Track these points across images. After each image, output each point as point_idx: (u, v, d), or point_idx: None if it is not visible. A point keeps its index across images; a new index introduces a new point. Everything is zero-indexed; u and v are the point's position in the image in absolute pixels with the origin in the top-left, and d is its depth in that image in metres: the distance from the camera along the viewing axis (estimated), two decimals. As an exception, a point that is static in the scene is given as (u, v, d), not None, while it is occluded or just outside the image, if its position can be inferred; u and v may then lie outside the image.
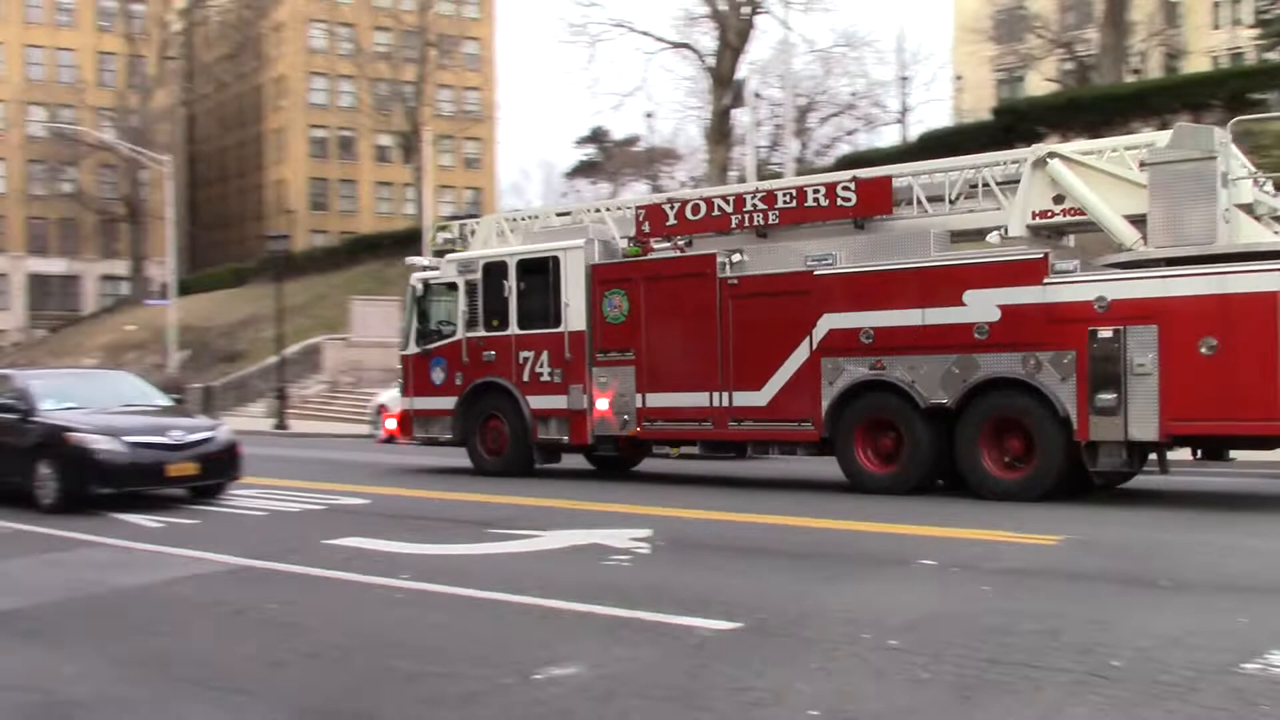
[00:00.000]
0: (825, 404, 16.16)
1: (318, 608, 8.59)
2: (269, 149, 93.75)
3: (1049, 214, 15.75)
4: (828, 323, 16.16)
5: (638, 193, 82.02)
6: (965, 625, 7.58)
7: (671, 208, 18.66)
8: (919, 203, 16.76)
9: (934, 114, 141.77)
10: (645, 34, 60.16)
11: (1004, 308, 14.70)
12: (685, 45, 57.41)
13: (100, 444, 14.70)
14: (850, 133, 64.35)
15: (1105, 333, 14.00)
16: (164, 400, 17.50)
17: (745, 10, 54.06)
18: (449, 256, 20.77)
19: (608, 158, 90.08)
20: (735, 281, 16.98)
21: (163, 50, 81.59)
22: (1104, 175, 15.40)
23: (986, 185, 16.34)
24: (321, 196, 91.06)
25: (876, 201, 16.94)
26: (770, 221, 17.69)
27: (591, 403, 18.49)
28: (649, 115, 58.42)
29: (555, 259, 18.85)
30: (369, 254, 64.26)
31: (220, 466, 15.73)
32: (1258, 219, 15.13)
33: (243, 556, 10.87)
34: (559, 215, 20.77)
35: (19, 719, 6.09)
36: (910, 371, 15.50)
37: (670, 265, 17.91)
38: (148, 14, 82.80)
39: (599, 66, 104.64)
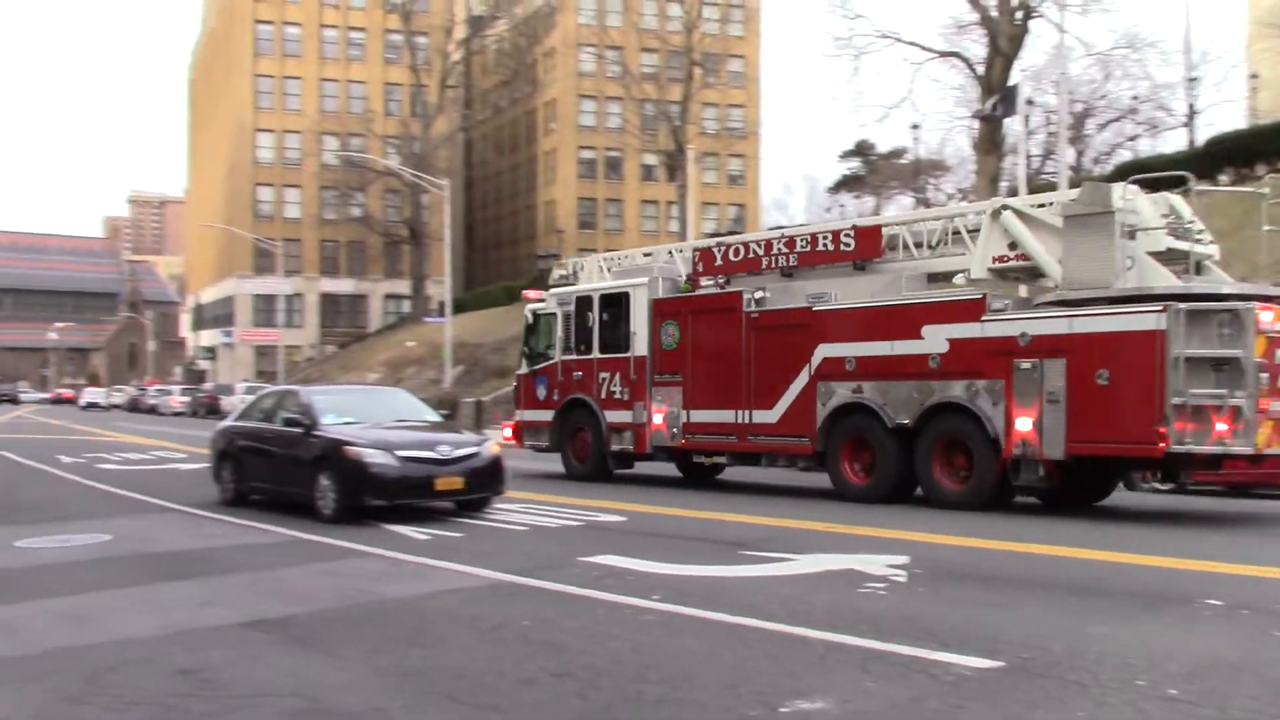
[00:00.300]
0: (819, 422, 18.68)
1: (570, 626, 8.66)
2: (540, 171, 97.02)
3: (1005, 259, 17.87)
4: (822, 352, 18.71)
5: (902, 206, 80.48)
6: (1256, 676, 6.93)
7: (719, 250, 21.79)
8: (906, 247, 19.19)
9: (1225, 116, 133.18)
10: (912, 44, 58.81)
11: (952, 341, 17.03)
12: (954, 54, 55.99)
13: (375, 458, 15.38)
14: (1132, 138, 61.25)
15: (1026, 364, 16.13)
16: (434, 416, 18.22)
17: (1018, 15, 52.28)
18: (551, 291, 24.21)
19: (872, 171, 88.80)
20: (756, 315, 19.76)
21: (443, 79, 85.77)
22: (1047, 225, 17.36)
23: (958, 233, 18.61)
24: (589, 216, 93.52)
25: (869, 247, 19.61)
26: (790, 263, 20.62)
27: (649, 417, 21.41)
28: (915, 127, 57.23)
29: (627, 294, 21.97)
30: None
31: (485, 481, 16.20)
32: (1193, 264, 16.89)
33: (502, 571, 11.12)
34: (645, 255, 23.98)
35: (284, 725, 6.36)
36: (882, 395, 17.93)
37: (709, 300, 20.79)
38: (430, 45, 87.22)
39: (863, 79, 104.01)
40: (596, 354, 22.47)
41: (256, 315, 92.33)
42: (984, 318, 16.68)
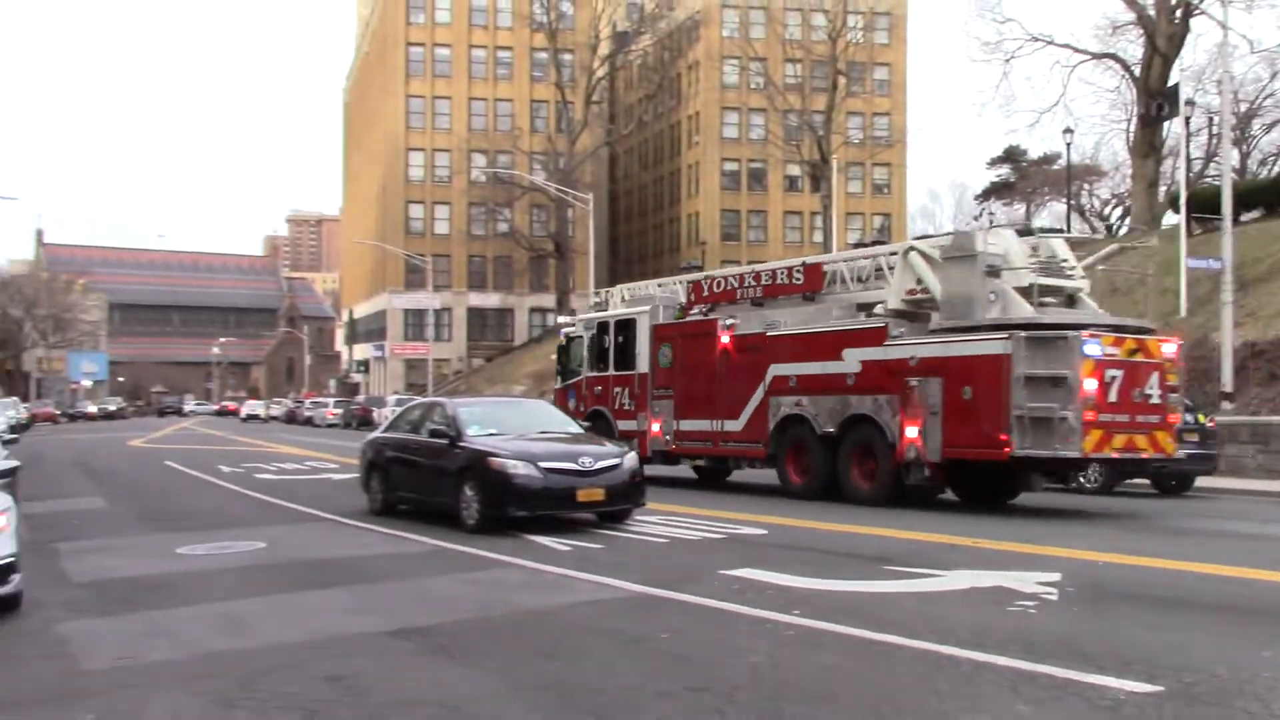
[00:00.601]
0: (770, 430, 21.90)
1: (708, 640, 8.56)
2: (684, 184, 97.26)
3: (914, 292, 20.43)
4: (773, 371, 21.99)
5: (1054, 213, 78.25)
6: None
7: (705, 282, 25.08)
8: (843, 281, 22.08)
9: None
10: (1065, 46, 57.30)
11: (864, 362, 20.21)
12: (1109, 55, 54.32)
13: (518, 469, 15.52)
14: (1301, 138, 58.53)
15: (913, 382, 19.06)
16: (576, 428, 18.34)
17: (1177, 13, 50.47)
18: (578, 316, 28.76)
19: (1022, 177, 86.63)
20: (726, 339, 23.10)
21: (588, 95, 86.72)
22: (942, 264, 19.91)
23: (881, 270, 21.32)
24: (732, 228, 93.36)
25: (814, 281, 22.60)
26: (758, 294, 23.74)
27: (649, 425, 24.64)
28: (1068, 131, 55.46)
29: (634, 320, 25.47)
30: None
31: (626, 493, 16.20)
32: (1066, 298, 20.12)
33: (641, 584, 11.08)
34: (658, 285, 27.40)
35: (423, 734, 6.40)
36: (815, 408, 21.10)
37: (692, 326, 24.24)
38: (575, 62, 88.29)
39: (1013, 83, 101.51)
40: (612, 371, 25.92)
41: (407, 329, 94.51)
42: (886, 342, 19.88)
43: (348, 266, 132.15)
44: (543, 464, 15.59)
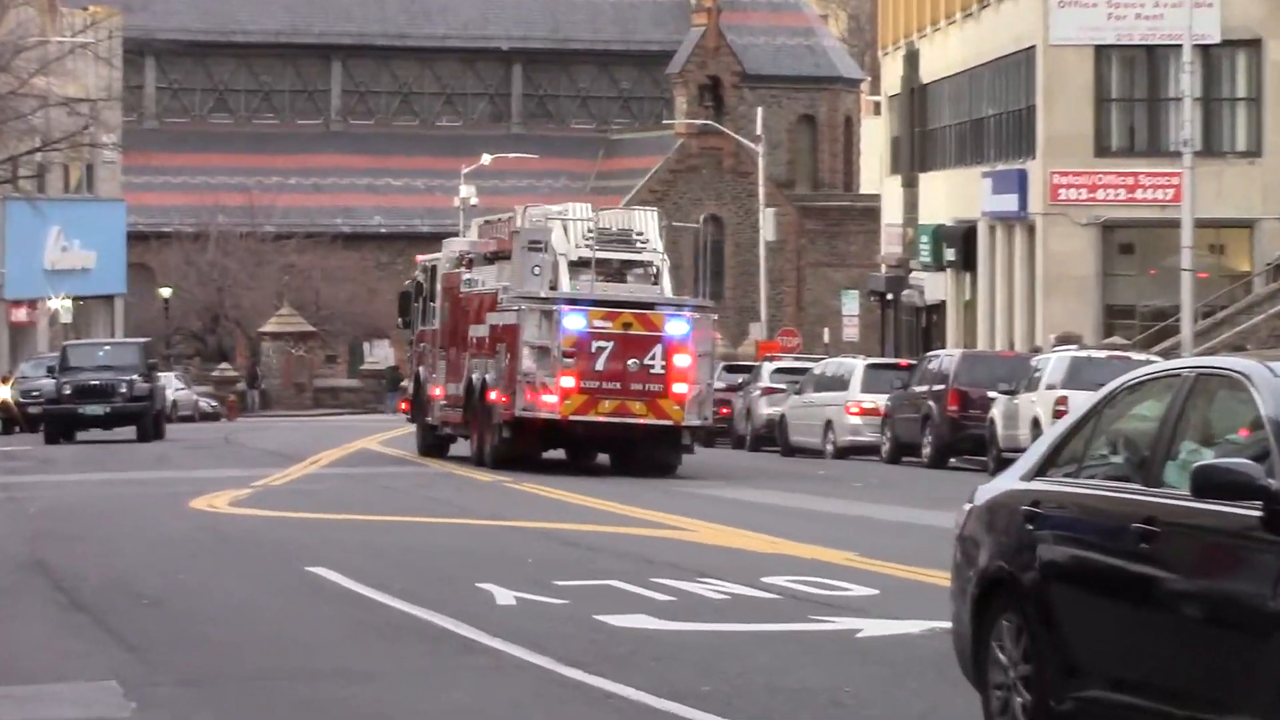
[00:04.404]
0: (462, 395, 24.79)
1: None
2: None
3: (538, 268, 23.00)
4: (473, 332, 24.35)
5: None
6: None
7: (485, 227, 26.96)
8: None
9: None
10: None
11: (490, 325, 23.32)
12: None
13: None
14: None
15: (498, 345, 23.09)
16: None
17: None
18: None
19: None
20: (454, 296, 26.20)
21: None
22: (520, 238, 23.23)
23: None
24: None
25: (502, 242, 24.28)
26: (492, 250, 25.19)
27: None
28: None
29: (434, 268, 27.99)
30: None
31: None
32: (651, 273, 23.46)
33: None
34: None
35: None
36: (477, 369, 23.82)
37: (451, 278, 26.89)
38: None
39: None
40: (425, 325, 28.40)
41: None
42: (498, 309, 23.03)
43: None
44: None
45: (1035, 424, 23.14)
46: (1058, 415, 20.11)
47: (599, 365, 21.16)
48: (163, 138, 70.02)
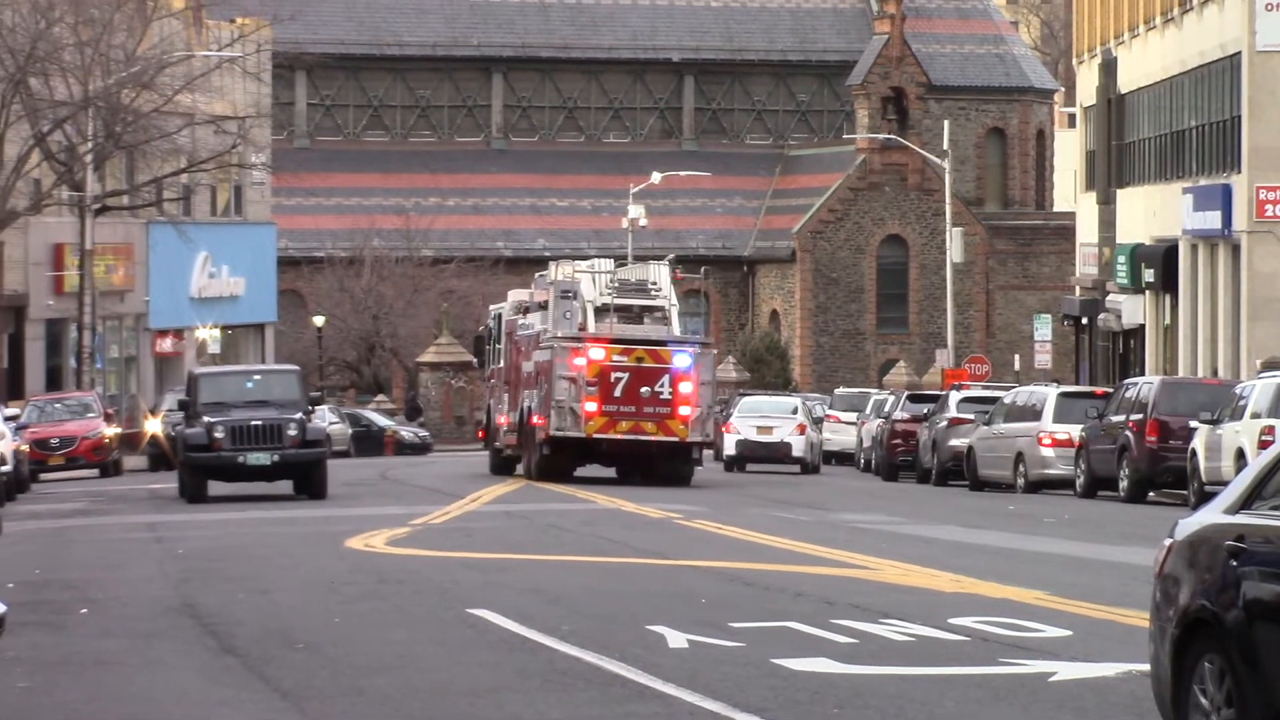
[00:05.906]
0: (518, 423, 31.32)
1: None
2: None
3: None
4: (525, 368, 30.48)
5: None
6: None
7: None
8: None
9: None
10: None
11: (536, 362, 28.77)
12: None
13: None
14: None
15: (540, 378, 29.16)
16: None
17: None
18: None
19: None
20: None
21: None
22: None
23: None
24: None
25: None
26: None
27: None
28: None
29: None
30: None
31: None
32: (665, 315, 29.05)
33: None
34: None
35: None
36: (529, 400, 29.20)
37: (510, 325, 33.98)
38: None
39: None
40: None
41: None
42: (540, 347, 28.23)
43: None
44: None
45: (1240, 455, 22.16)
46: (1263, 445, 19.27)
47: (617, 392, 25.99)
48: (314, 157, 67.78)
